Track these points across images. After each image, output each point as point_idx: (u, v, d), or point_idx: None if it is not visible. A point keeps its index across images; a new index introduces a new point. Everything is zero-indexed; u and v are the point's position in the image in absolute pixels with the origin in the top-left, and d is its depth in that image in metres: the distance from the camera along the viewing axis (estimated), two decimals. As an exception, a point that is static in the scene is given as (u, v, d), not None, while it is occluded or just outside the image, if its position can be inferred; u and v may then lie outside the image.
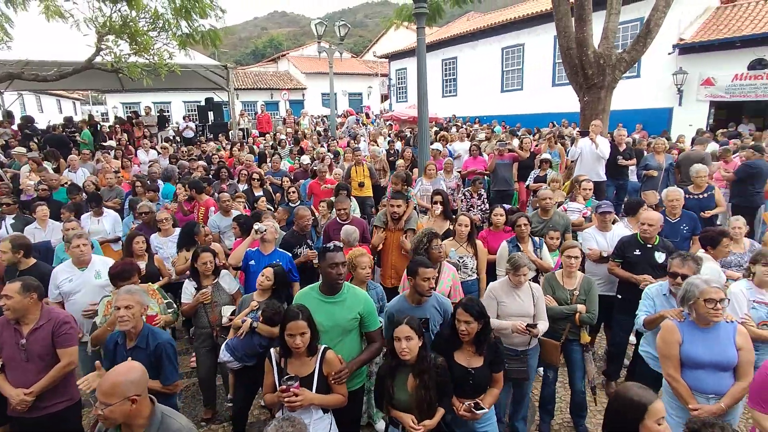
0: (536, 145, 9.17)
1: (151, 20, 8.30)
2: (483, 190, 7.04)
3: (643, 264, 3.88)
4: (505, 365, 2.87)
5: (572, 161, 7.48)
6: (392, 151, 9.91)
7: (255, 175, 7.48)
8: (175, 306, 3.77)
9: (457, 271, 4.10)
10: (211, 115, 17.08)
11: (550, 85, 17.17)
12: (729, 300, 2.64)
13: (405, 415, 2.50)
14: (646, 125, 13.91)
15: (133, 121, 14.54)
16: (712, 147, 8.82)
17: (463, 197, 7.02)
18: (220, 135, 14.39)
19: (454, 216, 4.76)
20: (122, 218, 6.17)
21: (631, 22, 13.93)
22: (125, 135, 12.91)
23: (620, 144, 7.76)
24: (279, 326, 2.57)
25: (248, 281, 4.22)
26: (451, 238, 4.37)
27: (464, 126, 14.52)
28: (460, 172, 8.34)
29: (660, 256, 3.82)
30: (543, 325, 3.31)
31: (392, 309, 3.12)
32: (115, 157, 9.85)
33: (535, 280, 4.04)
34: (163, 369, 2.78)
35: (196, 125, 15.96)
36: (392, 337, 2.57)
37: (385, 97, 28.24)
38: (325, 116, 20.05)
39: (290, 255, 4.40)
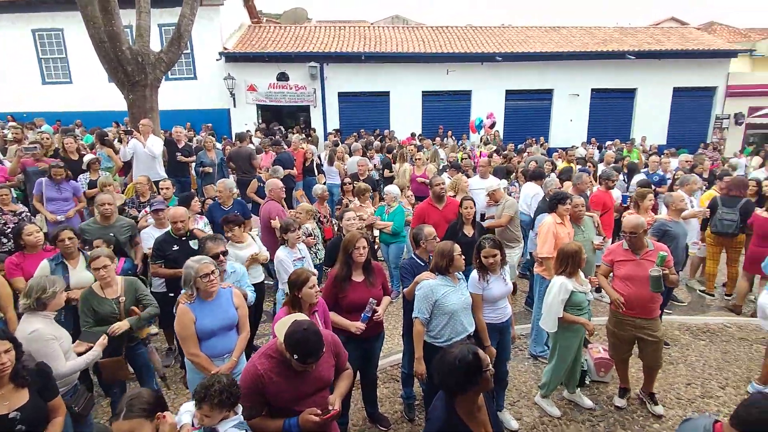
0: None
1: None
2: (12, 202, 5.64)
3: (182, 257, 3.97)
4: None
5: (124, 162, 7.08)
6: None
7: None
8: None
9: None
10: None
11: (106, 80, 15.51)
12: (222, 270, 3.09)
13: None
14: (212, 125, 15.07)
15: None
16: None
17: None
18: None
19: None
20: None
21: (171, 25, 14.41)
22: None
23: (179, 141, 8.02)
24: None
25: None
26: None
27: None
28: None
29: (195, 243, 4.07)
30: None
31: None
32: None
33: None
34: None
35: None
36: None
37: None
38: None
39: None
